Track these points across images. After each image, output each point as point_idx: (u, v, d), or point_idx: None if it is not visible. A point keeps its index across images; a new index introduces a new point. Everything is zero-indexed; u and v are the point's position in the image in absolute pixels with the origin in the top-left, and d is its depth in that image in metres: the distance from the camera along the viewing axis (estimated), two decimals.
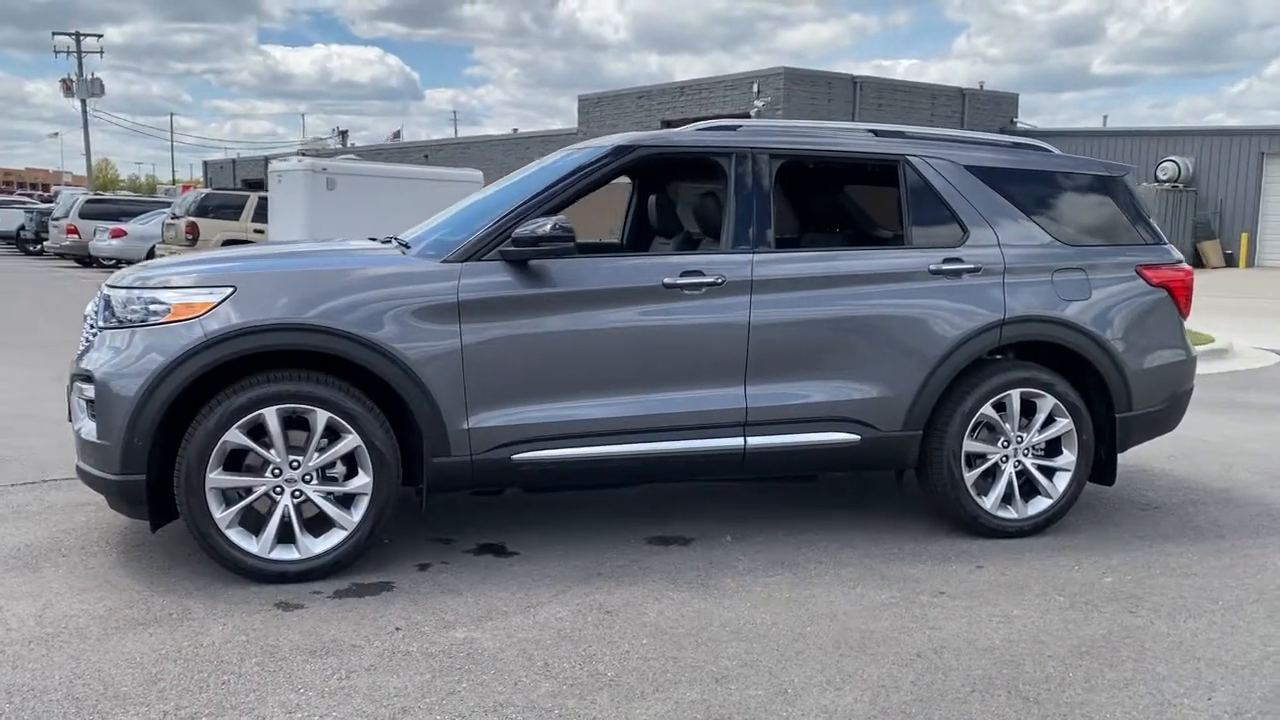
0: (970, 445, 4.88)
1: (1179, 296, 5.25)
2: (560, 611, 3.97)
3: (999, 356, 5.15)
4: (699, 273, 4.52)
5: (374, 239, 5.05)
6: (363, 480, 4.21)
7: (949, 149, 5.04)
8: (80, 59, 54.66)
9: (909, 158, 4.93)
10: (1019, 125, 44.57)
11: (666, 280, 4.48)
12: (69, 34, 54.34)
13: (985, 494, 4.94)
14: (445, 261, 4.34)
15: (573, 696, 3.27)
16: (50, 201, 34.91)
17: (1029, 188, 5.12)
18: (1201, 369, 10.85)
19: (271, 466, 4.15)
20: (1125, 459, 6.38)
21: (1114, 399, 5.06)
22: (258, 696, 3.22)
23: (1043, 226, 5.05)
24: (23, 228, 31.98)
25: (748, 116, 36.48)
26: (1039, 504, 5.02)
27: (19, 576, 4.22)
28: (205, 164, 72.61)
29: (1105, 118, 69.94)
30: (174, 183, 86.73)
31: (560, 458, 4.42)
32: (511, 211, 4.44)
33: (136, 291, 4.18)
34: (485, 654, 3.57)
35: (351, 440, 4.17)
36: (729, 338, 4.55)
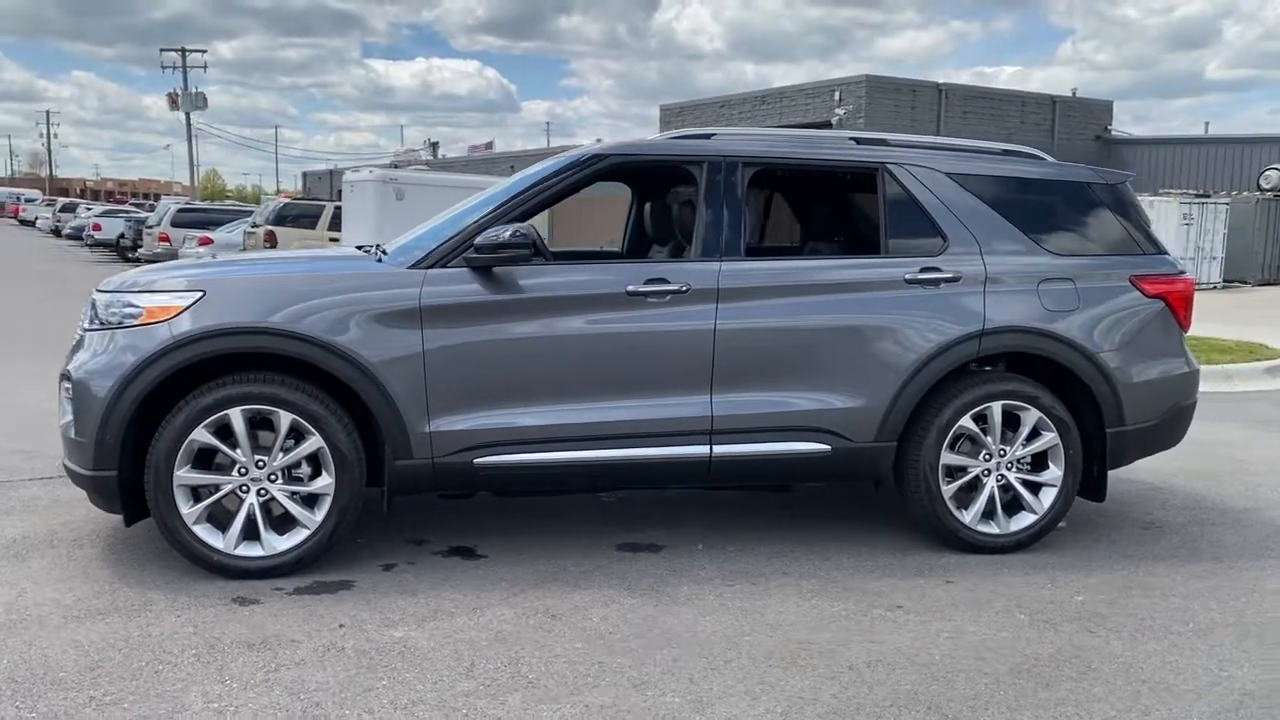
0: (949, 458, 4.79)
1: (1177, 307, 5.07)
2: (505, 614, 4.01)
3: (989, 368, 5.05)
4: (663, 280, 4.53)
5: (360, 247, 5.16)
6: (326, 481, 4.32)
7: (932, 157, 4.96)
8: (185, 74, 56.82)
9: (888, 165, 4.87)
10: (1114, 133, 43.34)
11: (630, 288, 4.50)
12: (175, 49, 56.49)
13: (966, 508, 4.84)
14: (411, 268, 4.43)
15: (486, 697, 3.32)
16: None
17: (1016, 196, 5.01)
18: (1262, 385, 10.46)
19: (238, 465, 4.28)
20: (1142, 476, 6.22)
21: (1104, 413, 4.91)
22: (184, 686, 3.33)
23: (1030, 235, 4.94)
24: (122, 235, 33.37)
25: (829, 125, 36.23)
26: (1023, 519, 4.90)
27: (6, 565, 4.42)
28: (304, 175, 75.03)
29: (1206, 124, 67.46)
30: (277, 192, 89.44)
31: (522, 463, 4.47)
32: (479, 219, 4.52)
33: (117, 295, 4.36)
34: (417, 653, 3.63)
35: (314, 441, 4.29)
36: (694, 345, 4.55)
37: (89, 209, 47.36)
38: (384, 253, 4.78)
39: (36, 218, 55.22)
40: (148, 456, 4.21)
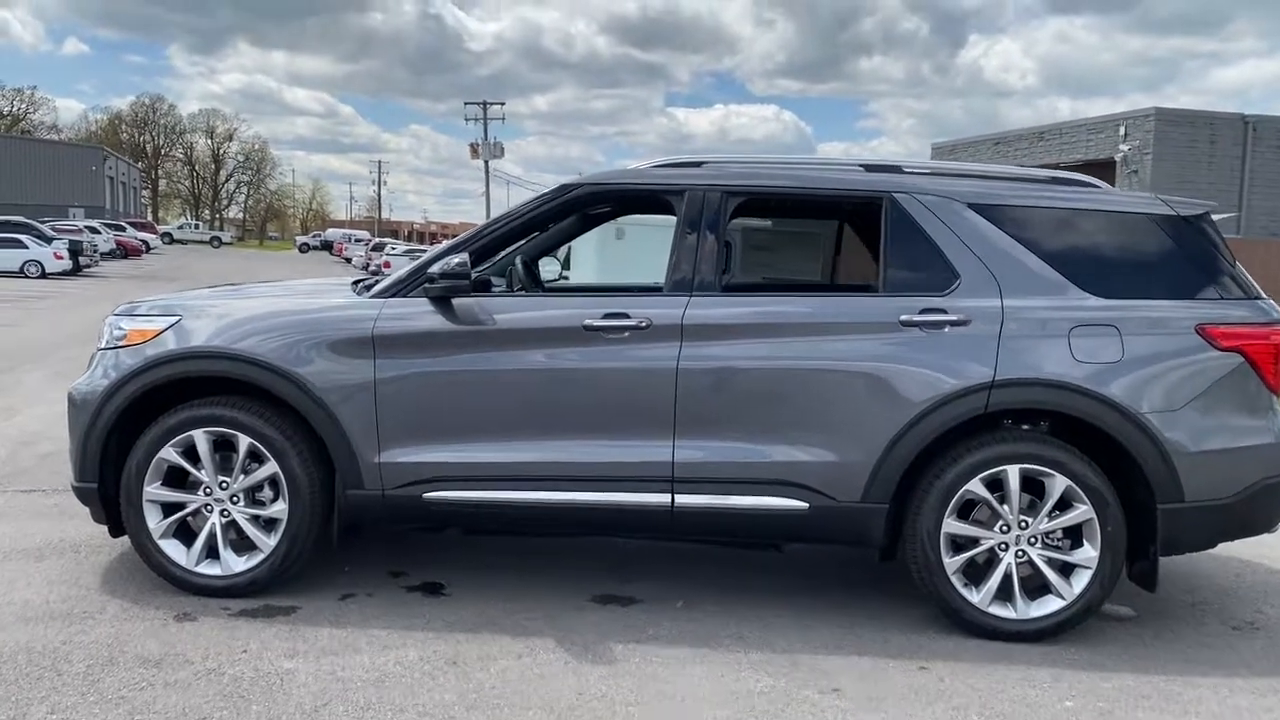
0: (954, 526, 4.19)
1: (1262, 364, 4.20)
2: (409, 656, 3.87)
3: (1026, 426, 4.40)
4: (623, 315, 4.27)
5: (356, 282, 5.14)
6: (280, 506, 4.36)
7: (952, 186, 4.40)
8: (485, 125, 61.06)
9: (894, 194, 4.36)
10: None
11: (587, 322, 4.27)
12: (478, 103, 60.94)
13: (977, 585, 4.22)
14: (374, 297, 4.43)
15: None
16: None
17: (1058, 230, 4.35)
18: None
19: (203, 485, 4.42)
20: None
21: (1154, 486, 4.13)
22: (45, 694, 3.43)
23: (1066, 274, 4.26)
24: None
25: (1112, 162, 33.65)
26: (1048, 604, 4.20)
27: (21, 564, 4.77)
28: None
29: None
30: None
31: (472, 500, 4.32)
32: (443, 250, 4.46)
33: (116, 318, 4.64)
34: (286, 686, 3.56)
35: (270, 466, 4.35)
36: (654, 385, 4.24)
37: (393, 249, 51.75)
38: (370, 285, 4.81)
39: (353, 256, 60.99)
40: (124, 472, 4.42)
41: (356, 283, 4.95)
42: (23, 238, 33.03)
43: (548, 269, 6.12)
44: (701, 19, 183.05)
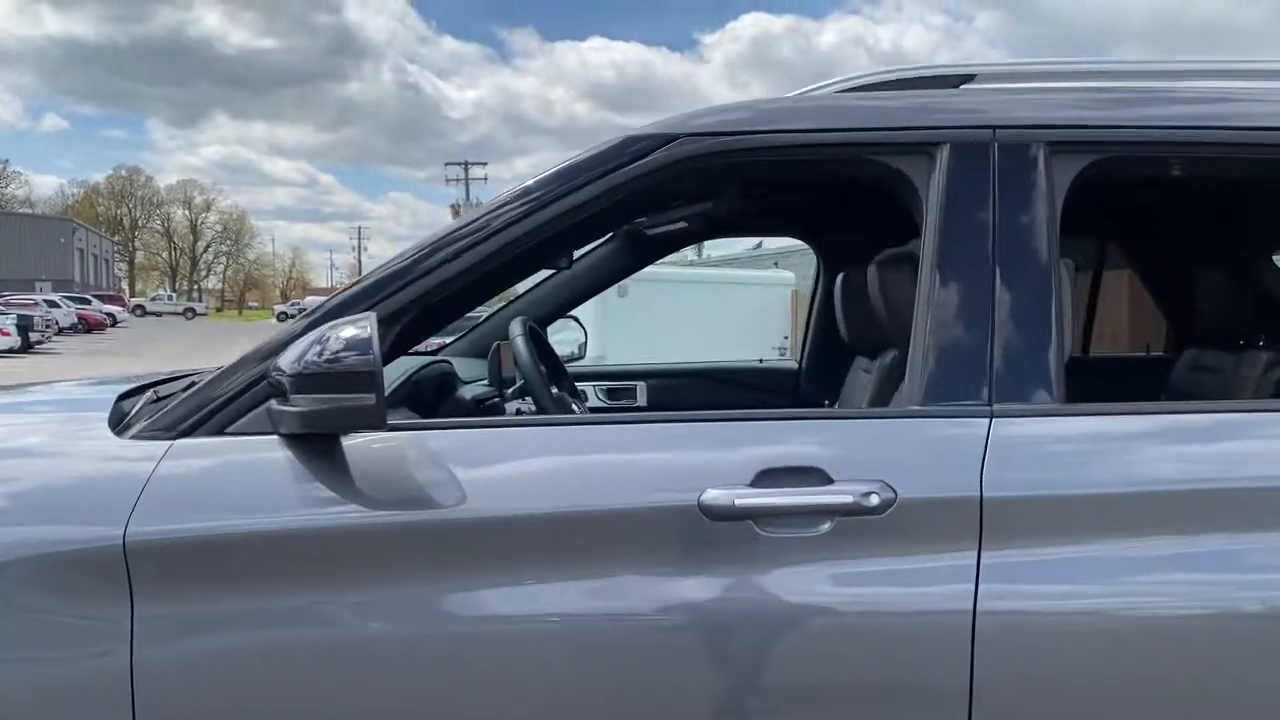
0: None
1: None
2: None
3: None
4: (815, 473, 1.55)
5: (130, 391, 2.36)
6: None
7: None
8: (467, 186, 59.41)
9: None
10: None
11: (711, 495, 1.54)
12: (458, 163, 59.27)
13: None
14: (141, 437, 1.69)
15: None
16: None
17: None
18: None
19: None
20: None
21: None
22: None
23: None
24: None
25: None
26: None
27: None
28: None
29: None
30: None
31: None
32: (315, 314, 1.74)
33: None
34: None
35: None
36: (911, 674, 1.53)
37: None
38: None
39: None
40: None
41: (127, 395, 2.14)
42: None
43: (561, 337, 3.35)
44: (677, 82, 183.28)
